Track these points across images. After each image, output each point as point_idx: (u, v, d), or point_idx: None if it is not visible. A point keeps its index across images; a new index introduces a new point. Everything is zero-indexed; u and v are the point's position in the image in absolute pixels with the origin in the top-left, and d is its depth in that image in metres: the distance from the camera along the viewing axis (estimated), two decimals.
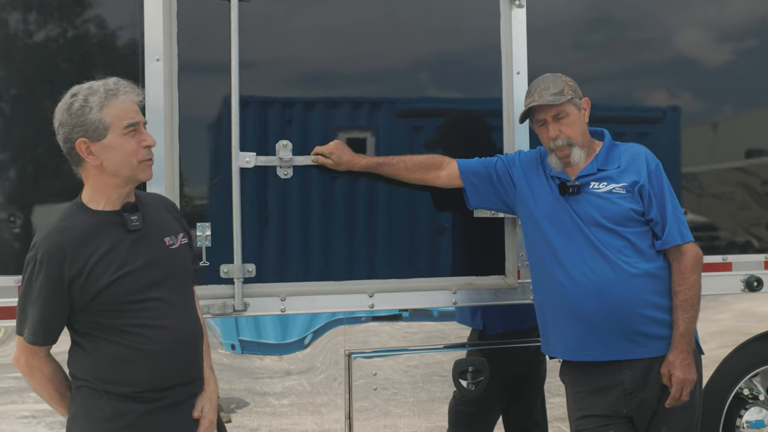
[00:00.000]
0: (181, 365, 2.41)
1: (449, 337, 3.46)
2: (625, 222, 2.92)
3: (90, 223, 2.30)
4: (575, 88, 3.03)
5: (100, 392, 2.31)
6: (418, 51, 3.47)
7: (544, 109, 2.98)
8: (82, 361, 2.34)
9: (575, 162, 3.00)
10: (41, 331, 2.28)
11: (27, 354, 2.33)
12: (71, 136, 2.27)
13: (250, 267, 3.17)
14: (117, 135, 2.28)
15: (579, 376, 3.01)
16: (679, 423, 2.94)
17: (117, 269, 2.28)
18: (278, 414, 3.25)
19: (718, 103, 3.93)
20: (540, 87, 3.00)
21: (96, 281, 2.25)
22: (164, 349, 2.33)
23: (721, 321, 3.82)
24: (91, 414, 2.31)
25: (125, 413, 2.30)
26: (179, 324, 2.40)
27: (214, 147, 3.20)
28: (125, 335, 2.29)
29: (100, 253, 2.27)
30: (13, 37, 3.06)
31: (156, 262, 2.37)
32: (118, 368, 2.30)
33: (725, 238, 3.87)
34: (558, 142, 2.97)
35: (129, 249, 2.32)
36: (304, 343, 3.29)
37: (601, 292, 2.87)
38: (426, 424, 3.41)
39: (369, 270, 3.33)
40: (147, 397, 2.32)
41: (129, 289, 2.29)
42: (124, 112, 2.29)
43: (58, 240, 2.24)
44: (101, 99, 2.27)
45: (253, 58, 3.22)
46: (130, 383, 2.30)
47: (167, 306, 2.37)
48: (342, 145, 3.24)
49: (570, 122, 2.98)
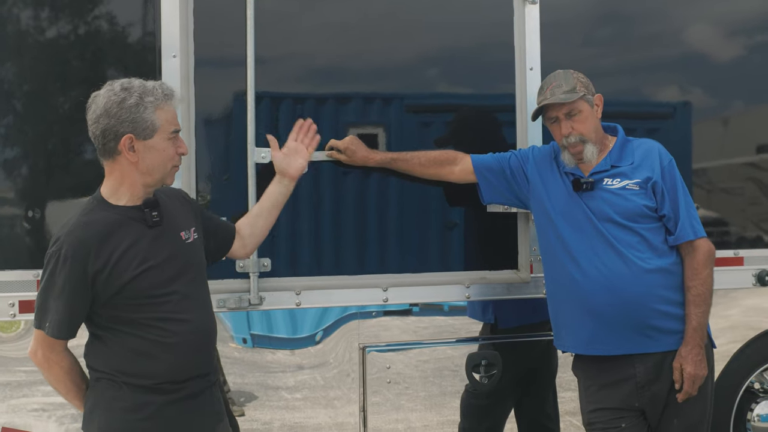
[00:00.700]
0: (198, 357, 2.44)
1: (461, 332, 3.48)
2: (638, 218, 2.94)
3: (111, 219, 2.33)
4: (587, 85, 3.04)
5: (120, 384, 2.33)
6: (431, 47, 3.48)
7: (556, 106, 3.00)
8: (101, 353, 2.36)
9: (588, 159, 3.01)
10: (65, 326, 2.30)
11: (45, 348, 2.35)
12: (117, 129, 2.29)
13: (266, 261, 3.19)
14: (162, 138, 2.35)
15: (591, 370, 3.03)
16: (691, 416, 2.96)
17: (140, 264, 2.31)
18: (291, 408, 3.28)
19: (729, 99, 3.93)
20: (552, 84, 3.01)
21: (119, 276, 2.28)
22: (184, 342, 2.37)
23: (731, 317, 3.83)
24: (111, 405, 2.34)
25: (145, 404, 2.33)
26: (197, 316, 2.43)
27: (230, 142, 3.22)
28: (146, 328, 2.32)
29: (123, 247, 2.30)
30: (25, 33, 3.08)
31: (174, 256, 2.40)
32: (139, 361, 2.33)
33: (736, 233, 3.89)
34: (571, 139, 2.99)
35: (150, 244, 2.35)
36: (318, 338, 3.31)
37: (614, 287, 2.89)
38: (438, 418, 3.43)
39: (382, 264, 3.35)
40: (166, 389, 2.35)
41: (152, 283, 2.32)
42: (173, 117, 2.38)
43: (82, 235, 2.27)
44: (157, 101, 2.32)
45: (269, 54, 3.24)
46: (150, 375, 2.33)
47: (185, 299, 2.40)
48: (357, 141, 3.25)
49: (582, 119, 2.99)
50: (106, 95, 2.32)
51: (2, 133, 3.03)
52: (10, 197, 3.06)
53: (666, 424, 2.97)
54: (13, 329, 3.05)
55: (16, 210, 3.06)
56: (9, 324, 3.04)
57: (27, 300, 2.97)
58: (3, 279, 3.00)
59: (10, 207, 3.05)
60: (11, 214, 3.06)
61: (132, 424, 2.33)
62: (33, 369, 2.92)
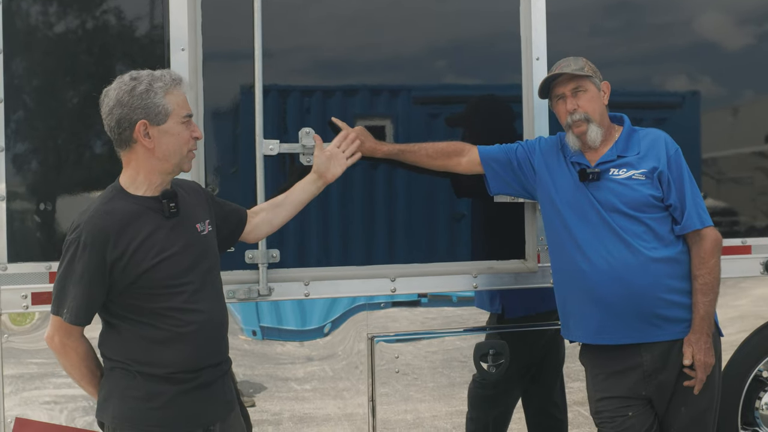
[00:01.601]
0: (212, 347, 2.46)
1: (469, 322, 3.49)
2: (645, 208, 2.94)
3: (130, 208, 2.35)
4: (596, 70, 3.07)
5: (133, 373, 2.36)
6: (437, 38, 3.48)
7: (563, 83, 3.01)
8: (115, 342, 2.39)
9: (592, 140, 3.01)
10: (83, 312, 2.32)
11: (62, 334, 2.37)
12: (131, 117, 2.33)
13: (274, 252, 3.21)
14: (176, 122, 2.37)
15: (598, 359, 3.04)
16: (698, 404, 2.97)
17: (157, 254, 2.34)
18: (301, 399, 3.30)
19: (738, 88, 3.91)
20: (561, 65, 3.04)
21: (137, 265, 2.31)
22: (197, 332, 2.39)
23: (740, 306, 3.83)
24: (125, 394, 2.36)
25: (159, 394, 2.35)
26: (211, 307, 2.45)
27: (238, 134, 3.23)
28: (161, 318, 2.35)
29: (141, 237, 2.33)
30: (34, 29, 3.09)
31: (190, 247, 2.43)
32: (153, 350, 2.35)
33: (745, 222, 3.88)
34: (575, 116, 2.99)
35: (167, 234, 2.38)
36: (326, 329, 3.33)
37: (621, 277, 2.90)
38: (446, 408, 3.44)
39: (390, 255, 3.37)
40: (180, 378, 2.37)
41: (168, 274, 2.35)
42: (184, 102, 2.40)
43: (101, 223, 2.29)
44: (166, 86, 2.35)
45: (276, 47, 3.25)
46: (164, 365, 2.36)
47: (200, 290, 2.42)
48: (364, 132, 3.26)
49: (588, 98, 3.00)
50: (116, 87, 2.36)
51: (13, 128, 3.05)
52: (21, 191, 3.08)
53: (673, 413, 2.98)
54: (26, 321, 3.07)
55: (28, 203, 3.08)
56: (22, 316, 3.06)
57: (39, 292, 3.00)
58: (16, 271, 3.02)
59: (21, 201, 3.07)
60: (23, 207, 3.08)
61: (145, 413, 2.35)
62: (45, 361, 2.98)
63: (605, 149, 3.04)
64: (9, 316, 3.04)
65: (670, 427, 2.99)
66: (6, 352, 3.04)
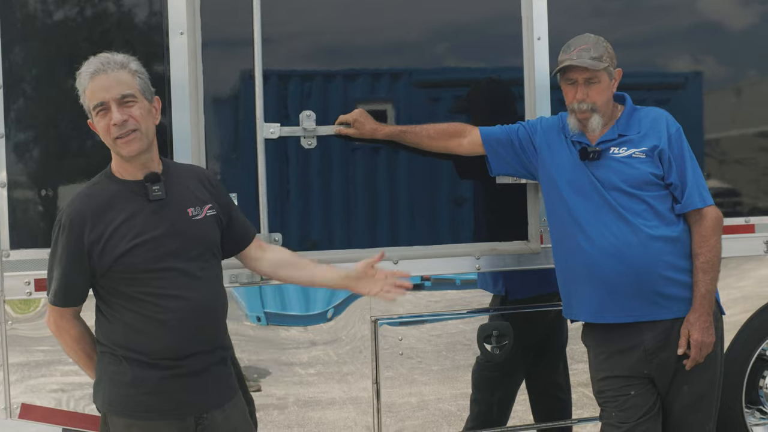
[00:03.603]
0: (198, 335, 2.40)
1: (472, 304, 3.49)
2: (645, 186, 2.93)
3: (113, 191, 2.35)
4: (613, 57, 3.01)
5: (120, 358, 2.35)
6: (436, 20, 3.46)
7: (578, 69, 2.96)
8: (103, 327, 2.39)
9: (592, 128, 3.00)
10: (62, 293, 2.34)
11: (55, 315, 2.41)
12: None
13: (277, 236, 3.21)
14: (95, 116, 2.34)
15: (600, 338, 3.04)
16: (700, 383, 2.97)
17: (133, 237, 2.31)
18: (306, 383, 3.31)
19: (741, 68, 3.89)
20: (581, 47, 2.96)
21: (113, 248, 2.30)
22: (178, 319, 2.34)
23: (743, 287, 3.83)
24: (114, 379, 2.36)
25: (144, 379, 2.34)
26: (196, 294, 2.39)
27: (239, 119, 3.23)
28: (140, 303, 2.33)
29: (120, 220, 2.32)
30: (33, 17, 3.09)
31: (176, 232, 2.38)
32: (135, 336, 2.33)
33: (748, 201, 3.86)
34: (582, 106, 2.97)
35: (148, 218, 2.35)
36: (330, 314, 3.33)
37: (622, 255, 2.89)
38: (451, 391, 3.45)
39: (393, 237, 3.36)
40: (164, 365, 2.35)
41: (145, 258, 2.32)
42: (92, 94, 2.32)
43: (80, 206, 2.32)
44: (84, 84, 2.33)
45: (276, 31, 3.23)
46: (146, 351, 2.34)
47: (184, 276, 2.37)
48: (364, 114, 3.25)
49: (600, 90, 2.97)
50: None
51: (14, 116, 3.06)
52: (22, 178, 3.09)
53: (675, 392, 2.98)
54: (30, 309, 3.08)
55: (29, 190, 3.09)
56: (26, 304, 3.07)
57: (42, 278, 2.99)
58: (18, 258, 3.03)
59: (22, 188, 3.08)
60: (24, 194, 3.09)
61: (133, 398, 2.34)
62: (51, 349, 3.00)
63: (606, 128, 3.03)
64: (11, 303, 3.05)
65: (673, 405, 2.99)
66: (10, 339, 3.05)
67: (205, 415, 2.41)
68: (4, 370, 3.05)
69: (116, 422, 2.36)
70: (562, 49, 3.04)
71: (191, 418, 2.39)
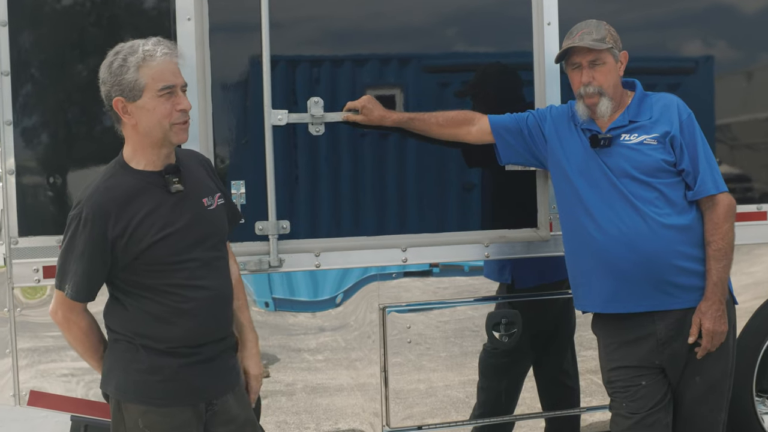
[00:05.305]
0: (215, 323, 2.44)
1: (480, 291, 3.48)
2: (657, 173, 2.91)
3: (132, 184, 2.33)
4: (617, 39, 2.99)
5: (137, 346, 2.36)
6: (445, 5, 3.43)
7: (582, 52, 2.94)
8: (120, 316, 2.39)
9: (601, 113, 2.97)
10: (85, 289, 2.33)
11: (65, 309, 2.38)
12: (110, 94, 2.30)
13: (285, 223, 3.21)
14: (151, 97, 2.29)
15: (611, 328, 3.02)
16: (712, 372, 2.95)
17: (159, 230, 2.31)
18: (314, 369, 3.31)
19: (753, 52, 3.85)
20: (582, 30, 2.95)
21: (139, 241, 2.29)
22: (200, 308, 2.37)
23: (754, 273, 3.80)
24: (129, 367, 2.37)
25: (161, 367, 2.36)
26: (215, 283, 2.43)
27: (247, 105, 3.21)
28: (164, 294, 2.34)
29: (143, 213, 2.31)
30: (42, 2, 3.07)
31: (196, 223, 2.40)
32: (156, 325, 2.35)
33: (760, 188, 3.83)
34: (589, 89, 2.94)
35: (171, 210, 2.35)
36: (338, 300, 3.33)
37: (633, 244, 2.87)
38: (459, 378, 3.45)
39: (401, 225, 3.35)
40: (182, 352, 2.37)
41: (171, 251, 2.33)
42: (159, 74, 2.29)
43: (102, 199, 2.28)
44: (139, 60, 2.27)
45: (284, 16, 3.21)
46: (166, 339, 2.35)
47: (204, 266, 2.40)
48: (373, 100, 3.24)
49: (605, 71, 2.94)
50: (103, 63, 2.34)
51: (22, 102, 3.05)
52: (31, 165, 3.08)
53: (687, 382, 2.96)
54: (38, 295, 3.10)
55: (38, 177, 3.09)
56: (34, 290, 3.08)
57: (51, 266, 3.00)
58: (27, 245, 3.04)
59: (31, 175, 3.09)
60: (33, 181, 3.09)
61: (148, 386, 2.36)
62: (60, 334, 3.00)
63: (617, 115, 3.00)
64: (21, 289, 3.06)
65: (684, 396, 2.98)
66: (20, 325, 3.07)
67: (215, 401, 2.46)
68: (13, 356, 3.07)
69: (131, 409, 2.37)
70: (565, 37, 3.03)
71: (202, 403, 2.43)
